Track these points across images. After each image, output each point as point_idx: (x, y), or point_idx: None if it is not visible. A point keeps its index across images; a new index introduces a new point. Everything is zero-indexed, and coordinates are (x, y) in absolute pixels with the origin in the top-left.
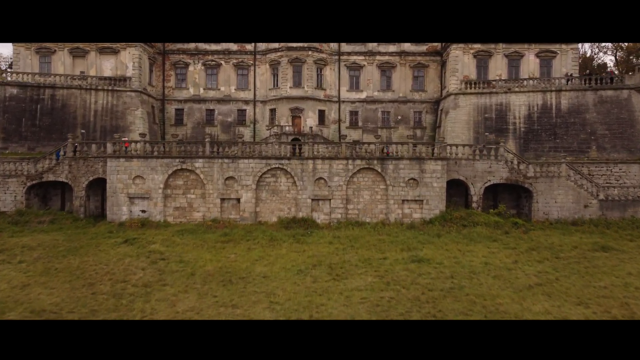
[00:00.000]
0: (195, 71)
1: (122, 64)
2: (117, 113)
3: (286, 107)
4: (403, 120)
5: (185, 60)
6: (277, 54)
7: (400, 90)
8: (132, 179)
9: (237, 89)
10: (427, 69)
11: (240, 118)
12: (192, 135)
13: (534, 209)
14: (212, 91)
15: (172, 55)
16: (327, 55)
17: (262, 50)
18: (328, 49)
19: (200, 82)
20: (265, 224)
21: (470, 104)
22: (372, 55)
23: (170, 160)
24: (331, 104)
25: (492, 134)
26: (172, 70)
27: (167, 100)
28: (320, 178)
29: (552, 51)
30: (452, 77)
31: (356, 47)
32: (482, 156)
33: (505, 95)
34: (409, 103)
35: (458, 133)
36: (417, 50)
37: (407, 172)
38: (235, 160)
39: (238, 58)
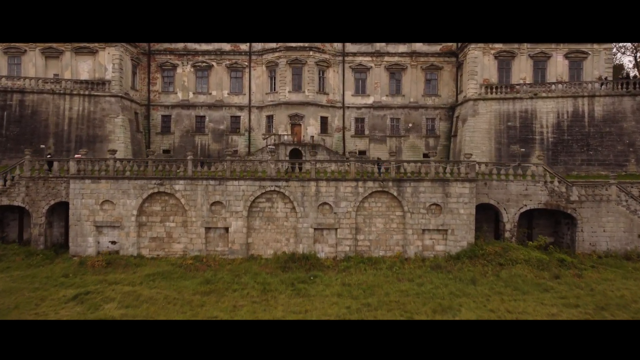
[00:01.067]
0: (184, 73)
1: (100, 66)
2: (95, 121)
3: (285, 113)
4: (414, 128)
5: (172, 61)
6: (275, 55)
7: (411, 95)
8: (99, 204)
9: (230, 94)
10: (441, 71)
11: (233, 125)
12: (180, 144)
13: (578, 238)
14: (202, 96)
15: (158, 55)
16: (330, 56)
17: (258, 50)
18: (331, 49)
19: (190, 85)
20: (258, 259)
21: (492, 110)
22: (380, 56)
23: (145, 182)
24: (335, 110)
25: (517, 144)
26: (158, 73)
27: (153, 106)
28: (324, 203)
29: (582, 52)
30: (470, 81)
31: (362, 47)
32: (517, 176)
33: (530, 101)
34: (420, 109)
35: (477, 143)
36: (430, 51)
37: (428, 196)
38: (222, 182)
39: (231, 59)
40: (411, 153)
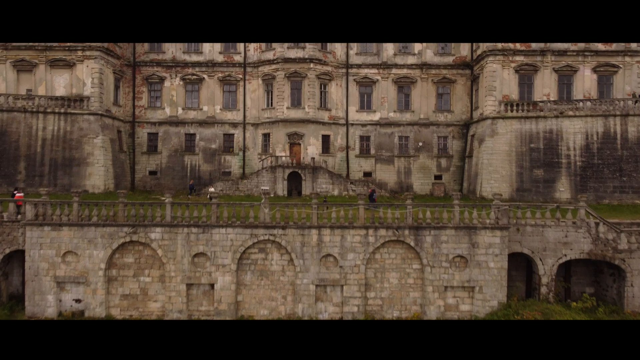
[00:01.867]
0: (172, 87)
1: (78, 81)
2: (72, 142)
3: (282, 132)
4: (425, 147)
5: (160, 73)
6: (272, 67)
7: (421, 111)
8: (61, 256)
9: (223, 109)
10: (454, 84)
11: (226, 144)
12: (167, 165)
13: (627, 294)
14: (192, 111)
15: (144, 67)
16: (332, 69)
17: (254, 62)
18: (334, 60)
19: (179, 100)
20: (249, 319)
21: (512, 130)
22: (387, 68)
23: (115, 229)
24: (337, 127)
25: (540, 169)
26: (144, 86)
27: (138, 123)
28: (328, 255)
29: (612, 65)
30: (488, 97)
31: (368, 58)
32: (554, 221)
33: (555, 120)
34: (431, 126)
35: (497, 167)
36: (442, 62)
37: (451, 246)
38: (207, 230)
39: (224, 71)
40: (421, 175)
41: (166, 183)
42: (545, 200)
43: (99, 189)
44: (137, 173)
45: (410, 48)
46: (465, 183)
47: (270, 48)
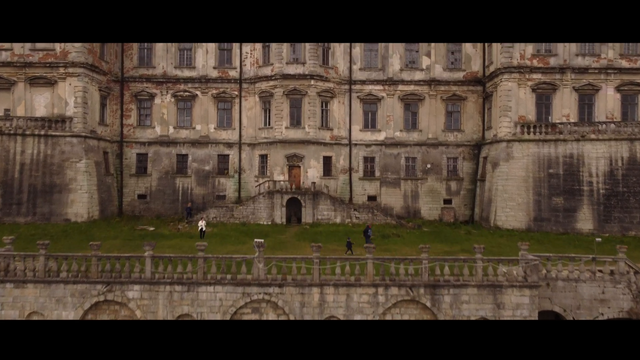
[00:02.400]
0: (163, 105)
1: (60, 100)
2: (53, 167)
3: (281, 153)
4: (433, 168)
5: (150, 90)
6: (269, 84)
7: (429, 130)
8: (25, 317)
9: (217, 128)
10: (465, 102)
11: (221, 166)
12: (158, 188)
13: None
14: (184, 130)
15: (132, 83)
16: (334, 85)
17: (250, 78)
18: (336, 76)
19: (170, 118)
20: None
21: (529, 154)
22: (393, 85)
23: (87, 287)
24: (340, 147)
25: (560, 196)
26: (133, 104)
27: (127, 143)
28: (331, 317)
29: (638, 84)
30: (503, 118)
31: (372, 73)
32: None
33: (576, 144)
34: (440, 146)
35: (512, 194)
36: (452, 78)
37: (473, 307)
38: (192, 288)
39: (219, 88)
40: (429, 199)
41: (156, 207)
42: (565, 231)
43: (82, 217)
44: (125, 197)
45: (418, 63)
46: (477, 208)
47: (268, 63)
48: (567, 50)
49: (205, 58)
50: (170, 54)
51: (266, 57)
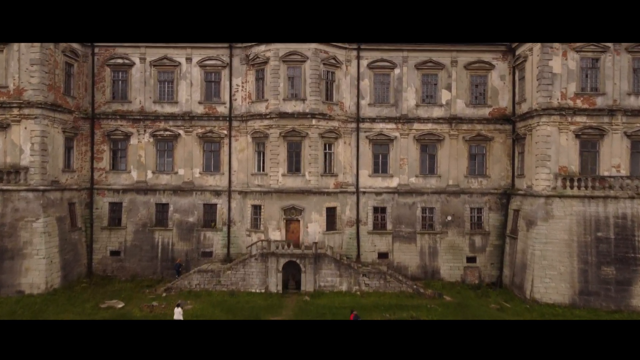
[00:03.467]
0: (140, 145)
1: (14, 147)
2: (4, 228)
3: (277, 205)
4: (454, 220)
5: (125, 128)
6: (264, 123)
7: (449, 176)
8: None
9: (203, 173)
10: (491, 143)
11: (207, 217)
12: (134, 243)
13: None
14: (165, 176)
15: (105, 121)
16: (339, 124)
17: (242, 115)
18: (341, 113)
19: (148, 161)
20: None
21: (573, 213)
22: (408, 123)
23: None
24: (346, 196)
25: (611, 266)
26: (105, 144)
27: (98, 190)
28: None
29: None
30: (540, 169)
31: (383, 109)
32: None
33: (630, 202)
34: (463, 195)
35: (553, 261)
36: (476, 115)
37: None
38: None
39: (205, 126)
40: (450, 256)
41: (131, 266)
42: (618, 307)
43: (39, 288)
44: (96, 254)
45: (436, 97)
46: (506, 270)
47: (262, 98)
48: (617, 89)
49: (189, 91)
50: (148, 86)
51: (260, 91)
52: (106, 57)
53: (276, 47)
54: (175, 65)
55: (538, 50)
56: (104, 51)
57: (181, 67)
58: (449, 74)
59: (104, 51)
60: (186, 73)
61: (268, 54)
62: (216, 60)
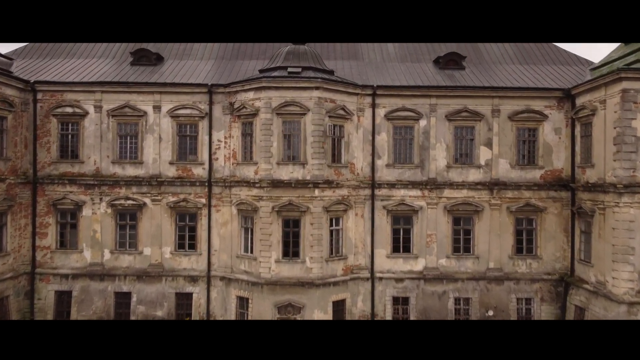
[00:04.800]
0: (95, 218)
1: None
2: None
3: (269, 300)
4: (497, 314)
5: (76, 196)
6: (252, 193)
7: (490, 257)
8: None
9: (175, 253)
10: (542, 215)
11: (180, 310)
12: None
13: None
14: (127, 256)
15: (50, 186)
16: (349, 191)
17: (225, 179)
18: (352, 177)
19: (106, 238)
20: None
21: None
22: (437, 189)
23: None
24: (357, 283)
25: None
26: (50, 216)
27: (41, 276)
28: None
29: None
30: (620, 265)
31: (405, 171)
32: None
33: None
34: (507, 281)
35: None
36: (523, 180)
37: None
38: None
39: (178, 193)
40: None
41: None
42: None
43: None
44: None
45: (473, 156)
46: None
47: (250, 160)
48: None
49: (158, 148)
50: (106, 142)
51: (247, 150)
52: (52, 104)
53: (268, 95)
54: (140, 115)
55: (615, 104)
56: (49, 97)
57: (147, 118)
58: (489, 127)
59: (49, 97)
60: (154, 125)
61: (258, 104)
62: (192, 109)
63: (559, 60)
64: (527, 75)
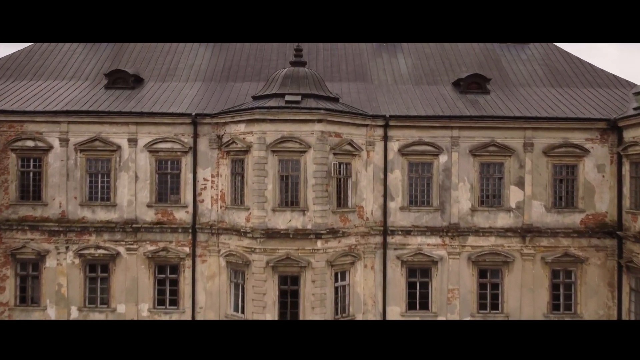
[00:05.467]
0: (60, 270)
1: None
2: None
3: None
4: None
5: (38, 244)
6: (243, 243)
7: (521, 315)
8: None
9: (154, 310)
10: (583, 266)
11: None
12: None
13: None
14: (97, 314)
15: (7, 233)
16: (357, 240)
17: (211, 224)
18: (361, 223)
19: (73, 294)
20: None
21: None
22: (460, 236)
23: None
24: None
25: None
26: (8, 268)
27: None
28: None
29: None
30: None
31: (423, 216)
32: None
33: None
34: None
35: None
36: (560, 225)
37: None
38: None
39: (157, 241)
40: None
41: None
42: None
43: None
44: None
45: (502, 197)
46: None
47: (241, 204)
48: None
49: (134, 188)
50: (73, 181)
51: (238, 191)
52: (10, 137)
53: (262, 129)
54: (113, 149)
55: None
56: (7, 128)
57: (122, 153)
58: (521, 163)
59: (7, 128)
60: (129, 161)
61: (250, 139)
62: (174, 143)
63: (595, 82)
64: (562, 101)
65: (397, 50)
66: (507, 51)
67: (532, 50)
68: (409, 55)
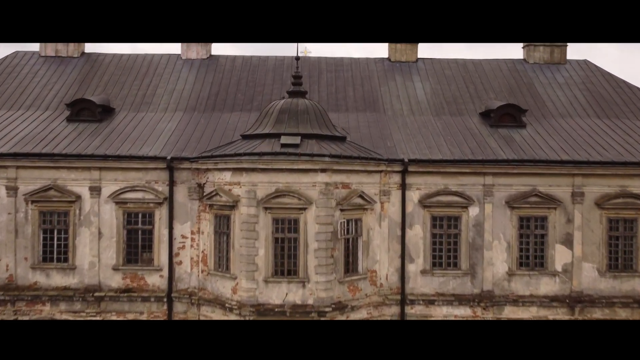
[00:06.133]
0: None
1: None
2: None
3: None
4: None
5: None
6: (229, 319)
7: None
8: None
9: None
10: None
11: None
12: None
13: None
14: None
15: None
16: (370, 311)
17: (190, 292)
18: (373, 292)
19: None
20: None
21: None
22: (494, 306)
23: None
24: None
25: None
26: None
27: None
28: None
29: None
30: None
31: (449, 282)
32: None
33: None
34: None
35: None
36: (618, 293)
37: None
38: None
39: (125, 312)
40: None
41: None
42: None
43: None
44: None
45: (546, 260)
46: None
47: (226, 272)
48: None
49: (97, 247)
50: (23, 238)
51: (222, 254)
52: None
53: (251, 180)
54: (72, 200)
55: None
56: None
57: (82, 204)
58: (569, 217)
59: None
60: (91, 215)
61: (237, 191)
62: (145, 192)
63: None
64: (614, 139)
65: (412, 72)
66: (540, 72)
67: (569, 72)
68: (427, 78)
